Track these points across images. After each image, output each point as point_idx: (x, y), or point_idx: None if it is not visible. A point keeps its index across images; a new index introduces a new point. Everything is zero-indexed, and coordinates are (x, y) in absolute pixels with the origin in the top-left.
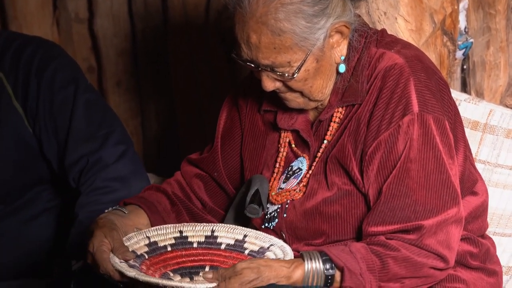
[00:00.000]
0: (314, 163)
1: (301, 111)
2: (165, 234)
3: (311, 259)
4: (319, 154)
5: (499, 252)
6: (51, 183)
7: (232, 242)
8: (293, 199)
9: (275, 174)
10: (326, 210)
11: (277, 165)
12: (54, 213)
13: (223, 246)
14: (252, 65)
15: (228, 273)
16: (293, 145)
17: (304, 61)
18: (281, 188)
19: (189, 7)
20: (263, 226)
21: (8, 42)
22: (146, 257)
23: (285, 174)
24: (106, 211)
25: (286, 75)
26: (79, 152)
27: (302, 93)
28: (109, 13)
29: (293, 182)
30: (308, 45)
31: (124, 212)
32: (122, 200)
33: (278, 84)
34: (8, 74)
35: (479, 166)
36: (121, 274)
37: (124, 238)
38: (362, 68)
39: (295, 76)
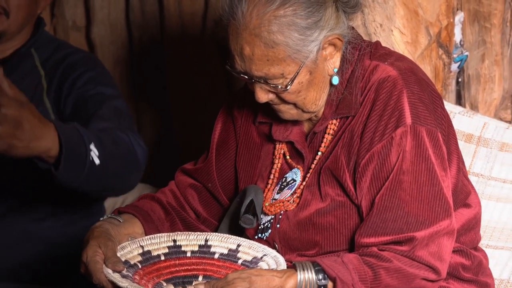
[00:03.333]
0: (308, 175)
1: (296, 122)
2: (158, 243)
3: (303, 269)
4: (313, 166)
5: (491, 265)
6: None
7: (225, 251)
8: (286, 210)
9: (269, 185)
10: (319, 221)
11: (272, 176)
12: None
13: (216, 256)
14: (246, 77)
15: (220, 283)
16: (288, 157)
17: (297, 73)
18: (274, 199)
19: (186, 16)
20: (256, 237)
21: (60, 48)
22: (140, 266)
23: (279, 185)
24: (101, 219)
25: (280, 87)
26: (105, 125)
27: (295, 105)
28: (106, 21)
29: (287, 193)
30: (301, 57)
31: (119, 221)
32: (116, 209)
33: (271, 96)
34: (48, 73)
35: (472, 179)
36: (114, 284)
37: (118, 247)
38: (356, 80)
39: (288, 88)
